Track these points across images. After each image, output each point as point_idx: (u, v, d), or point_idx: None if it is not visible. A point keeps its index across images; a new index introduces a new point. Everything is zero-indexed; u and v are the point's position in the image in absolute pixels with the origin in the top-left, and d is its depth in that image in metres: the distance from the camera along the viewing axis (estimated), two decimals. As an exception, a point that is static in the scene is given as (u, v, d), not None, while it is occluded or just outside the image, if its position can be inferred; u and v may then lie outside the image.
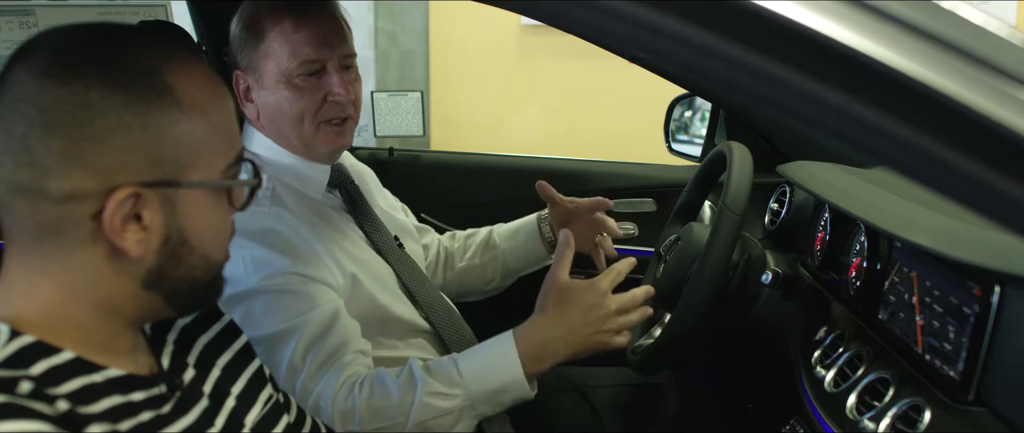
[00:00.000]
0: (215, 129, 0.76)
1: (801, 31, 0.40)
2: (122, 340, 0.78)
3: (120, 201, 0.70)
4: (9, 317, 0.71)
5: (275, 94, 1.32)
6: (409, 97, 2.23)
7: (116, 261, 0.72)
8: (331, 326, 1.24)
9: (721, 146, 1.43)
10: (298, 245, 1.28)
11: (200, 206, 0.76)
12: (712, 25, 0.40)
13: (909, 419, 0.98)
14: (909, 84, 0.42)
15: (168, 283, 0.76)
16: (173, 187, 0.73)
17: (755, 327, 1.42)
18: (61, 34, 0.73)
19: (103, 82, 0.69)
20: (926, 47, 0.43)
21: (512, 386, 1.23)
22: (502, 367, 1.23)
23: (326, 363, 1.22)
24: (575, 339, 1.23)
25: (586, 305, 1.23)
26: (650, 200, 2.10)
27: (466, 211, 2.16)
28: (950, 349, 0.97)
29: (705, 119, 2.15)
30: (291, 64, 1.30)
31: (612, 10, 0.41)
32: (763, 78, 0.40)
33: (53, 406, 0.67)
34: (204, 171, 0.75)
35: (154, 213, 0.72)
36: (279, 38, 1.30)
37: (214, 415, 0.84)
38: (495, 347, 1.26)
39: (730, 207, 1.27)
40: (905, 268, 1.11)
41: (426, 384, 1.21)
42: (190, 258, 0.76)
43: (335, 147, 1.37)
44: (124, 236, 0.71)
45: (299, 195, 1.36)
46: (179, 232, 0.74)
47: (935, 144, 0.43)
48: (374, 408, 1.19)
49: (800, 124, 0.43)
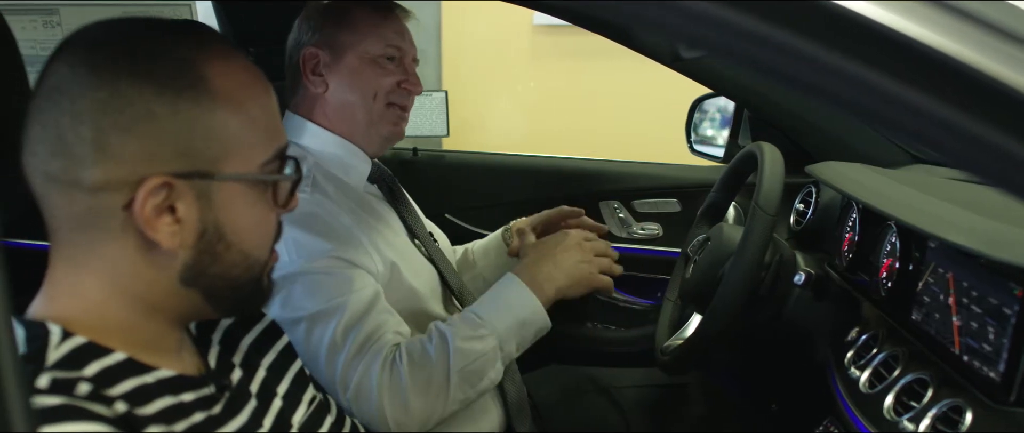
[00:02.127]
0: (252, 122, 0.75)
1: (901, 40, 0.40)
2: (168, 340, 0.78)
3: (150, 191, 0.69)
4: (58, 317, 0.71)
5: (355, 70, 1.40)
6: (434, 97, 2.23)
7: (152, 255, 0.72)
8: (371, 308, 1.25)
9: (751, 146, 1.43)
10: (339, 231, 1.29)
11: (237, 201, 0.75)
12: (816, 34, 0.40)
13: (949, 420, 0.98)
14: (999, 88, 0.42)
15: (206, 280, 0.75)
16: (206, 179, 0.72)
17: (784, 328, 1.41)
18: (100, 27, 0.73)
19: (133, 71, 0.69)
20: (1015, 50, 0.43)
21: (531, 316, 1.30)
22: (515, 299, 1.31)
23: (367, 342, 1.23)
24: (565, 265, 1.36)
25: (567, 242, 1.39)
26: (674, 200, 2.10)
27: (489, 211, 2.16)
28: (990, 350, 0.97)
29: (715, 121, 2.15)
30: (378, 47, 1.39)
31: (698, 11, 0.41)
32: (857, 84, 0.40)
33: (111, 407, 0.67)
34: (240, 164, 0.74)
35: (188, 206, 0.72)
36: (368, 22, 1.40)
37: (262, 416, 0.85)
38: (501, 286, 1.34)
39: (763, 207, 1.26)
40: (940, 269, 1.11)
41: (456, 331, 1.25)
42: (227, 254, 0.75)
43: (393, 132, 1.45)
44: (157, 228, 0.70)
45: (341, 185, 1.38)
46: (215, 226, 0.73)
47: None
48: (417, 373, 1.21)
49: (905, 137, 0.43)
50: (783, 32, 0.41)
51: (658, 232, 2.11)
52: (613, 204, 2.14)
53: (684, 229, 1.70)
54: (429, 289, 1.43)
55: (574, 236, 1.41)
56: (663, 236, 2.10)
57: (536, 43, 3.66)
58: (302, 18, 1.44)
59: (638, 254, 2.10)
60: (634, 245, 2.11)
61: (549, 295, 1.33)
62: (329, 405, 1.00)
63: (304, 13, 1.45)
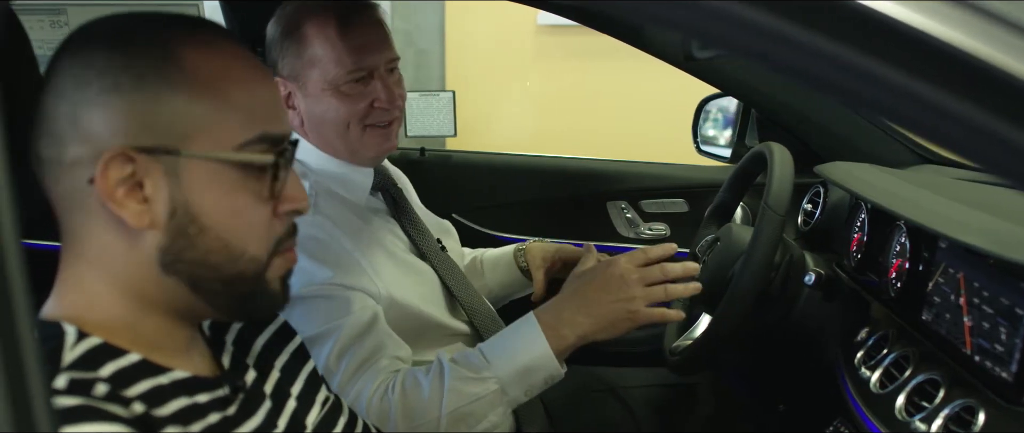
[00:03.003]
0: (228, 103, 0.73)
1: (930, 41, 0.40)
2: (175, 339, 0.77)
3: (108, 162, 0.68)
4: (71, 317, 0.71)
5: (321, 102, 1.31)
6: (441, 97, 2.23)
7: (126, 235, 0.71)
8: (367, 331, 1.24)
9: (760, 147, 1.43)
10: (339, 254, 1.27)
11: (210, 182, 0.72)
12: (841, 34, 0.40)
13: (962, 420, 0.98)
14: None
15: (185, 266, 0.73)
16: (172, 155, 0.70)
17: (793, 328, 1.41)
18: (99, 20, 0.74)
19: (109, 47, 0.70)
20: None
21: (539, 363, 1.19)
22: (525, 344, 1.19)
23: (361, 368, 1.22)
24: (596, 309, 1.19)
25: (605, 277, 1.20)
26: (681, 200, 2.11)
27: (497, 211, 2.16)
28: (1002, 350, 0.97)
29: (718, 122, 2.15)
30: (338, 72, 1.28)
31: (723, 12, 0.41)
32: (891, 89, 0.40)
33: (129, 408, 0.67)
34: (209, 144, 0.72)
35: (155, 183, 0.70)
36: (325, 45, 1.28)
37: (276, 417, 0.85)
38: (516, 327, 1.23)
39: (773, 207, 1.26)
40: (951, 269, 1.11)
41: (454, 371, 1.18)
42: (202, 239, 0.73)
43: (381, 151, 1.37)
44: (124, 205, 0.69)
45: (341, 202, 1.35)
46: (185, 207, 0.71)
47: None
48: (408, 406, 1.18)
49: (934, 139, 0.43)
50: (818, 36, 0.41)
51: (665, 232, 2.11)
52: (620, 204, 2.14)
53: (691, 229, 1.70)
54: (435, 302, 1.40)
55: (620, 267, 1.20)
56: (670, 236, 2.10)
57: (540, 43, 3.66)
58: (268, 38, 1.36)
59: None
60: (641, 245, 2.11)
61: (568, 341, 1.19)
62: (341, 407, 1.00)
63: (268, 32, 1.36)
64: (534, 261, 1.57)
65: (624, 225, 2.13)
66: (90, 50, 0.71)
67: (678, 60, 1.68)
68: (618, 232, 2.14)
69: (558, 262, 1.57)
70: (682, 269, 1.22)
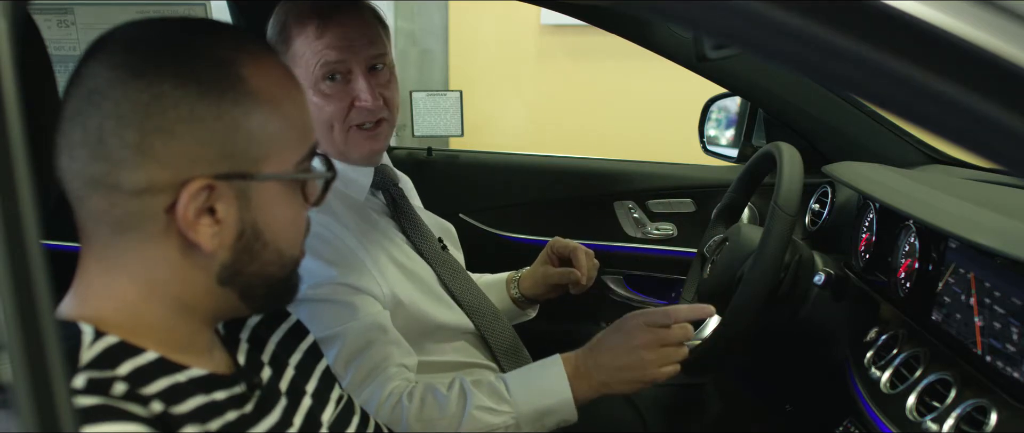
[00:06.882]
0: (288, 121, 0.75)
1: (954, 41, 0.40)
2: (199, 339, 0.78)
3: (193, 193, 0.69)
4: (89, 317, 0.71)
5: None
6: (448, 97, 2.23)
7: (191, 256, 0.72)
8: (375, 338, 1.24)
9: (769, 147, 1.43)
10: (345, 254, 1.27)
11: (274, 200, 0.75)
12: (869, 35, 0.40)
13: (974, 420, 0.98)
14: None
15: (243, 279, 0.75)
16: (246, 180, 0.72)
17: (802, 328, 1.41)
18: (136, 27, 0.73)
19: (176, 73, 0.69)
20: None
21: (558, 408, 1.22)
22: (551, 388, 1.22)
23: (370, 376, 1.22)
24: (622, 364, 1.21)
25: (638, 341, 1.21)
26: (689, 200, 2.11)
27: (504, 211, 2.17)
28: (1014, 350, 0.97)
29: (720, 122, 2.15)
30: (316, 71, 1.27)
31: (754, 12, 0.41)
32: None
33: (147, 407, 0.67)
34: (277, 164, 0.74)
35: (228, 206, 0.71)
36: (304, 44, 1.27)
37: (292, 414, 0.85)
38: (544, 368, 1.25)
39: (782, 207, 1.26)
40: (961, 269, 1.11)
41: (475, 398, 1.20)
42: (264, 253, 0.75)
43: (367, 152, 1.35)
44: (198, 230, 0.70)
45: (344, 198, 1.35)
46: (253, 226, 0.73)
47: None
48: (423, 419, 1.19)
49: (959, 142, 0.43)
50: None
51: (673, 232, 2.11)
52: (627, 204, 2.14)
53: (699, 229, 1.70)
54: (436, 302, 1.40)
55: (652, 337, 1.21)
56: (678, 236, 2.10)
57: (544, 43, 3.65)
58: (267, 38, 1.33)
59: (652, 254, 2.11)
60: (649, 245, 2.12)
61: (588, 395, 1.23)
62: (354, 405, 1.00)
63: (267, 32, 1.34)
64: (537, 275, 1.58)
65: (631, 225, 2.13)
66: (153, 75, 0.69)
67: (690, 61, 1.68)
68: (625, 232, 2.14)
69: (556, 259, 1.58)
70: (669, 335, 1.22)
